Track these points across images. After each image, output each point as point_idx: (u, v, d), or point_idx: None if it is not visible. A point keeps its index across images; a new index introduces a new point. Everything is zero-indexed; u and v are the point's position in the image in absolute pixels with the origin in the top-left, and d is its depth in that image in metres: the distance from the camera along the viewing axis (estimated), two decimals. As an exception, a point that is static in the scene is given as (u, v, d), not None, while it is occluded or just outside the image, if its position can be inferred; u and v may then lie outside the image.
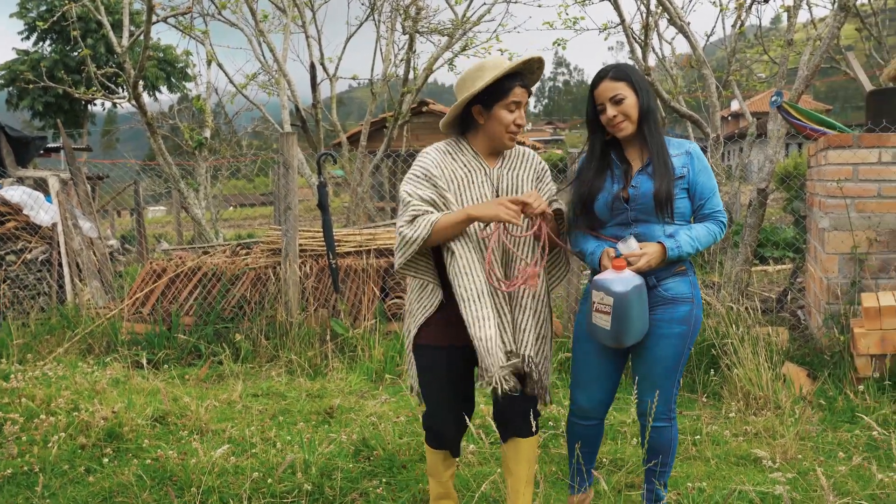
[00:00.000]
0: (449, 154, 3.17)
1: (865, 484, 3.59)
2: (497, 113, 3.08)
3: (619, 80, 3.04)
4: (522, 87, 3.09)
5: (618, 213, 3.07)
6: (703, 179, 3.08)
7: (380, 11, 11.71)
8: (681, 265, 3.09)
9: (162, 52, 27.91)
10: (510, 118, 3.08)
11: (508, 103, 3.06)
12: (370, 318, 6.39)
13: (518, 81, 3.08)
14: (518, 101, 3.08)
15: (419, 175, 3.10)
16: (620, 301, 2.91)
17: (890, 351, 4.91)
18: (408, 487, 3.80)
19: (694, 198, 3.09)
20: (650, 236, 3.04)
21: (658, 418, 3.14)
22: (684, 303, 3.08)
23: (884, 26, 15.11)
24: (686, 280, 3.10)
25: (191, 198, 9.82)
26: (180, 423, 4.74)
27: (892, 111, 5.93)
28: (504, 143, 3.13)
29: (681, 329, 3.07)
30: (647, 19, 10.24)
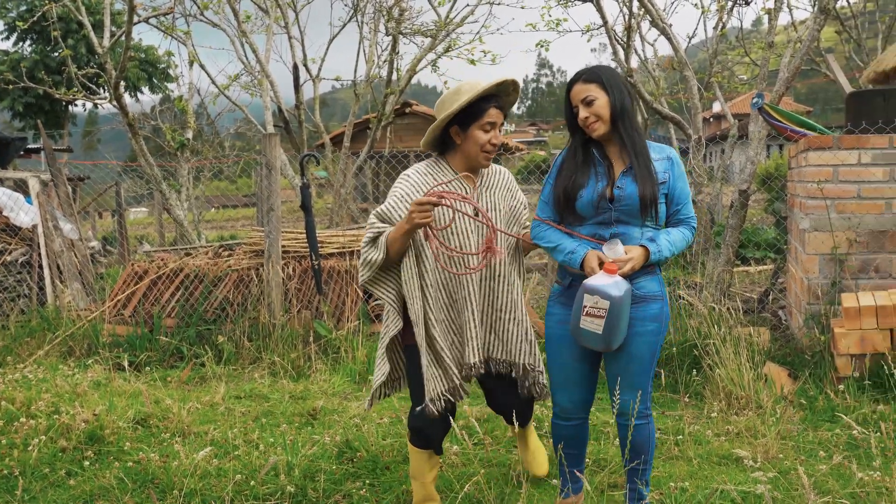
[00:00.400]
0: (430, 174, 3.31)
1: (846, 483, 3.62)
2: (473, 133, 3.22)
3: (590, 82, 3.08)
4: (497, 107, 3.23)
5: (602, 212, 3.08)
6: (682, 185, 3.14)
7: (363, 12, 11.72)
8: (651, 264, 3.12)
9: (144, 52, 27.77)
10: (485, 138, 3.22)
11: (483, 124, 3.21)
12: (353, 320, 6.38)
13: (493, 103, 3.23)
14: (493, 122, 3.22)
15: (398, 198, 3.25)
16: (616, 306, 2.93)
17: (869, 350, 4.95)
18: (391, 489, 3.80)
19: (671, 203, 3.14)
20: (628, 238, 3.07)
21: (638, 416, 3.16)
22: (655, 300, 3.12)
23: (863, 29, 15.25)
24: (656, 278, 3.15)
25: (173, 199, 9.78)
26: (162, 426, 4.71)
27: (871, 113, 5.98)
28: (480, 162, 3.28)
29: (654, 326, 3.11)
30: (629, 21, 10.29)
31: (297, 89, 11.44)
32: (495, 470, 4.01)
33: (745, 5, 10.30)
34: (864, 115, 5.98)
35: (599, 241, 3.07)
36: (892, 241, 5.64)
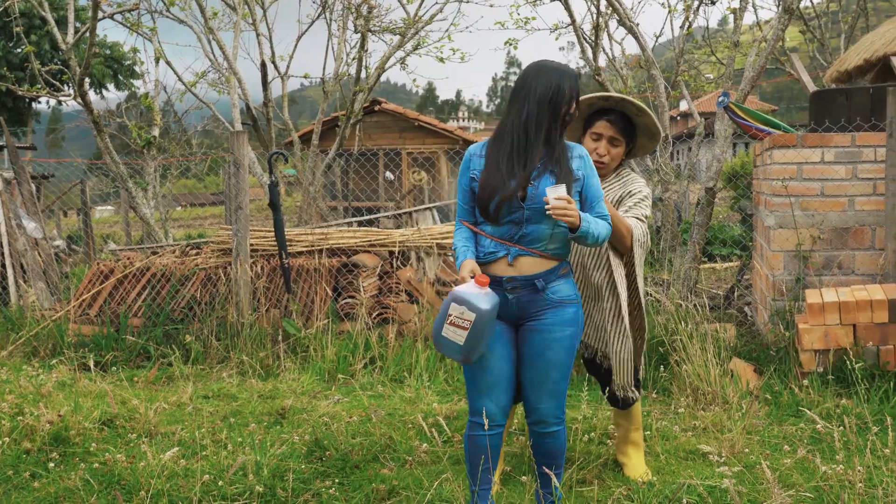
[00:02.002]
0: None
1: (810, 476, 3.67)
2: (585, 140, 3.57)
3: None
4: (608, 121, 3.50)
5: (514, 212, 3.04)
6: (595, 183, 3.12)
7: (331, 10, 11.65)
8: (564, 267, 3.11)
9: (109, 49, 27.43)
10: (590, 147, 3.53)
11: (590, 132, 3.54)
12: (323, 318, 6.36)
13: (606, 116, 3.50)
14: (599, 133, 3.51)
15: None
16: (482, 318, 2.89)
17: (833, 346, 5.03)
18: (361, 487, 3.79)
19: (585, 201, 3.11)
20: (539, 238, 3.04)
21: (555, 422, 3.14)
22: (570, 304, 3.10)
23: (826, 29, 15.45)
24: (570, 281, 3.14)
25: (139, 197, 9.67)
26: (129, 426, 4.66)
27: (834, 112, 6.06)
28: None
29: (571, 330, 3.09)
30: (597, 20, 10.34)
31: (266, 87, 11.34)
32: (464, 467, 4.01)
33: (711, 5, 10.40)
34: (827, 114, 6.07)
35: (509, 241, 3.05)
36: (855, 237, 5.73)
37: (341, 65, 11.52)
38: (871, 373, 4.89)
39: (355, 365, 5.85)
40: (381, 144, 17.09)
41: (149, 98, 12.11)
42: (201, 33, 12.04)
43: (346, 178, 17.47)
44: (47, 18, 9.61)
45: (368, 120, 16.27)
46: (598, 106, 3.52)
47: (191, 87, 12.54)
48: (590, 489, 3.68)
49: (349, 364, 5.87)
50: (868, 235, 5.71)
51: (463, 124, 56.18)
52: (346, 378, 5.72)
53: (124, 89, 28.67)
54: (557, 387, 3.11)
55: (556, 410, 3.13)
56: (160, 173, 14.06)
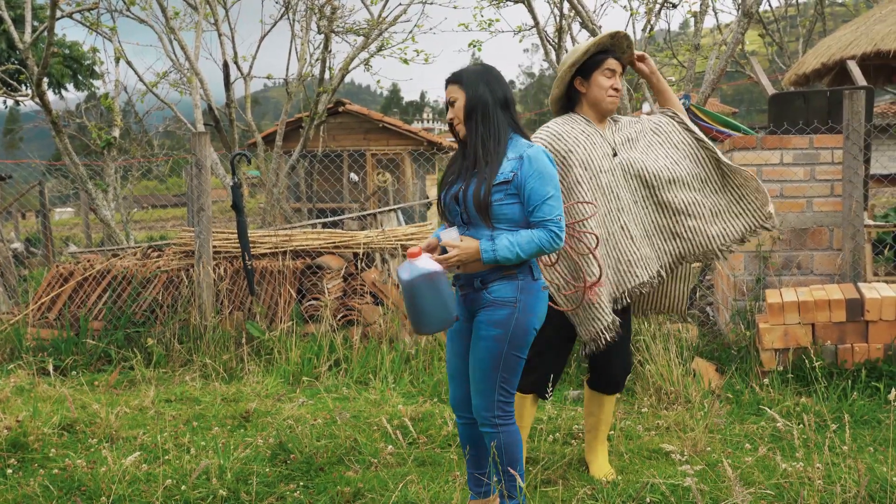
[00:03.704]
0: (568, 124, 3.67)
1: (770, 474, 3.72)
2: (596, 79, 3.61)
3: (453, 83, 3.16)
4: (615, 58, 3.62)
5: (454, 214, 3.15)
6: (534, 185, 3.00)
7: (294, 10, 11.60)
8: (510, 269, 3.07)
9: (68, 48, 26.99)
10: (608, 83, 3.60)
11: (604, 70, 3.60)
12: (287, 320, 6.32)
13: (611, 54, 3.62)
14: (612, 69, 3.60)
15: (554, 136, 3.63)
16: (407, 288, 3.02)
17: (792, 345, 5.10)
18: (325, 490, 3.77)
19: (526, 204, 3.04)
20: (478, 238, 3.08)
21: (482, 423, 3.15)
22: (505, 306, 3.06)
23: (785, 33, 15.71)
24: (513, 284, 3.07)
25: (99, 199, 9.55)
26: (89, 431, 4.60)
27: (792, 114, 6.16)
28: (606, 105, 3.64)
29: (497, 332, 3.06)
30: (560, 22, 10.41)
31: (228, 87, 11.26)
32: (430, 469, 4.02)
33: (673, 8, 10.51)
34: (785, 117, 6.16)
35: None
36: (813, 238, 5.82)
37: (305, 66, 11.47)
38: (830, 371, 4.98)
39: (320, 367, 5.82)
40: (345, 146, 17.02)
41: (109, 98, 11.97)
42: (162, 33, 11.93)
43: (310, 179, 17.38)
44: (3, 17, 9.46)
45: (332, 121, 16.20)
46: (604, 45, 3.63)
47: (152, 87, 12.40)
48: (554, 489, 3.70)
49: (314, 366, 5.84)
50: (826, 236, 5.81)
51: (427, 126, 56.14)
52: (311, 380, 5.69)
53: (84, 89, 28.23)
54: (479, 385, 3.12)
55: (483, 410, 3.13)
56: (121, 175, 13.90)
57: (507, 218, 3.05)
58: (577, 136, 3.62)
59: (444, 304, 3.03)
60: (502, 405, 3.13)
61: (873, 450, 4.06)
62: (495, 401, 3.12)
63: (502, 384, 3.11)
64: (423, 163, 19.00)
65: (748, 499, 2.98)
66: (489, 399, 3.12)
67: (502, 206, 3.03)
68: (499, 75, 3.17)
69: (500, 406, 3.13)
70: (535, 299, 3.10)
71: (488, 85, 3.11)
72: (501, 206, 3.03)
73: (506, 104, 3.13)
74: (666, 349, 5.12)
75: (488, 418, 3.13)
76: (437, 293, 3.01)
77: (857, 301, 5.04)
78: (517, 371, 3.14)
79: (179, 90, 12.91)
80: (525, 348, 3.12)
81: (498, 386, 3.11)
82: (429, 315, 3.04)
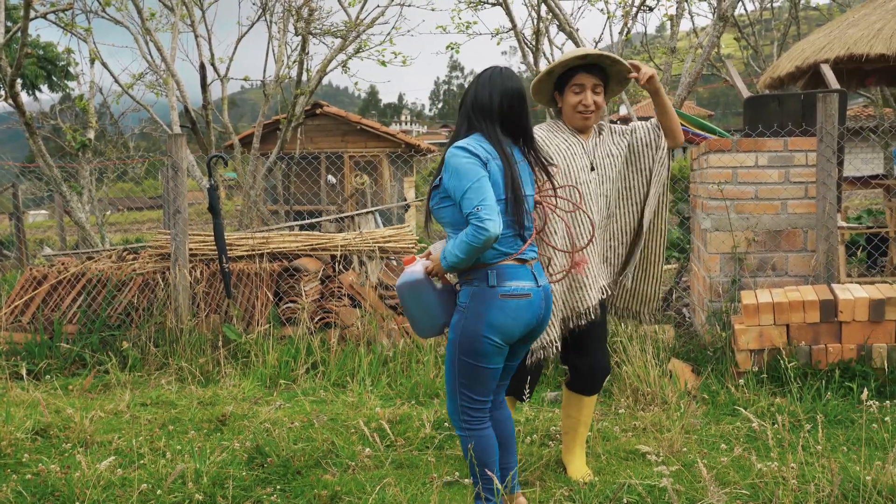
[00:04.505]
0: (552, 131, 3.68)
1: (746, 474, 3.75)
2: (566, 96, 3.60)
3: None
4: (586, 72, 3.53)
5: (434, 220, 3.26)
6: (453, 184, 3.01)
7: (271, 12, 11.56)
8: (467, 274, 3.09)
9: (42, 49, 26.72)
10: (574, 99, 3.57)
11: (572, 86, 3.56)
12: (264, 323, 6.29)
13: (582, 69, 3.54)
14: (581, 84, 3.54)
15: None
16: (399, 293, 3.16)
17: (767, 346, 5.15)
18: (303, 493, 3.76)
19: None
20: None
21: (454, 425, 3.23)
22: (458, 311, 3.10)
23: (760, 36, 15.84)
24: (467, 290, 3.09)
25: (74, 201, 9.46)
26: (63, 436, 4.55)
27: (767, 117, 6.22)
28: (575, 122, 3.63)
29: (451, 336, 3.11)
30: (537, 25, 10.44)
31: (205, 89, 11.19)
32: (407, 472, 4.01)
33: (649, 11, 10.58)
34: (760, 120, 6.22)
35: None
36: (788, 240, 5.88)
37: (282, 67, 11.43)
38: (804, 371, 5.02)
39: (297, 370, 5.79)
40: (322, 148, 16.98)
41: (84, 100, 11.87)
42: (138, 34, 11.85)
43: (287, 181, 17.32)
44: (-24, 17, 9.34)
45: (310, 123, 16.16)
46: (573, 64, 3.55)
47: (128, 88, 12.32)
48: (532, 490, 3.71)
49: (291, 369, 5.81)
50: (800, 238, 5.87)
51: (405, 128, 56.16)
52: (288, 383, 5.66)
53: (58, 91, 27.94)
54: (447, 388, 3.20)
55: (451, 413, 3.20)
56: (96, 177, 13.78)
57: (445, 221, 3.12)
58: (559, 143, 3.63)
59: (428, 311, 3.11)
60: (467, 410, 3.15)
61: (846, 449, 4.11)
62: (459, 405, 3.16)
63: (462, 390, 3.14)
64: (400, 165, 18.99)
65: (723, 499, 3.00)
66: (454, 403, 3.17)
67: (439, 209, 3.12)
68: (480, 77, 3.17)
69: (464, 411, 3.15)
70: (485, 307, 3.04)
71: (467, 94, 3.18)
72: (439, 210, 3.13)
73: (474, 106, 3.14)
74: (643, 350, 5.14)
75: (456, 422, 3.18)
76: (420, 300, 3.11)
77: (831, 302, 5.09)
78: (476, 378, 3.10)
79: (155, 92, 12.83)
80: (478, 356, 3.06)
81: (459, 391, 3.14)
82: (417, 318, 3.18)
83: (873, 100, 17.44)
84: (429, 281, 3.11)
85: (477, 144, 3.04)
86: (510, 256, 3.06)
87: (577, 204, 3.55)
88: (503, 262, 3.05)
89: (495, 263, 3.04)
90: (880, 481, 3.34)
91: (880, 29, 8.07)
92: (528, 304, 3.08)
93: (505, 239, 3.06)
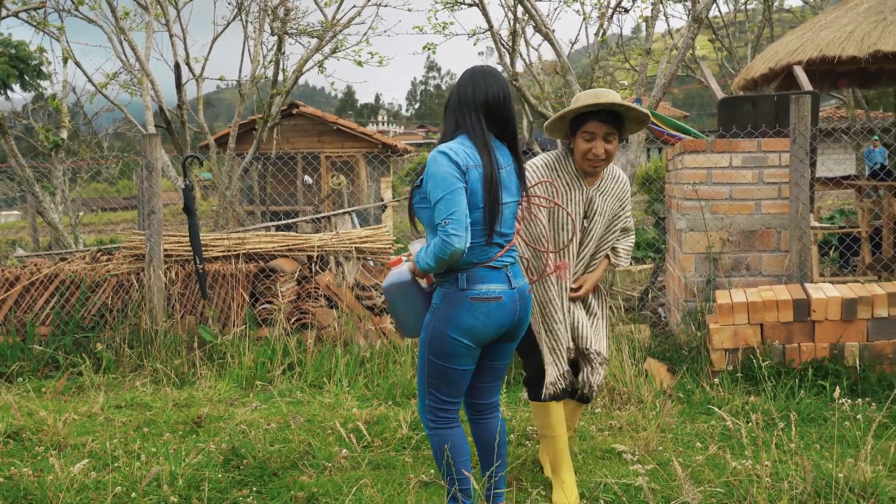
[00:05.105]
0: (554, 169, 3.59)
1: (720, 472, 3.78)
2: (576, 141, 3.50)
3: None
4: (599, 120, 3.42)
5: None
6: (429, 189, 3.00)
7: (247, 12, 11.50)
8: (441, 276, 3.10)
9: (13, 48, 26.44)
10: (584, 147, 3.47)
11: (582, 133, 3.46)
12: (240, 324, 6.26)
13: (597, 117, 3.43)
14: (591, 132, 3.44)
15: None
16: (386, 293, 3.19)
17: (741, 345, 5.19)
18: (279, 495, 3.75)
19: None
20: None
21: (422, 423, 3.27)
22: (430, 311, 3.12)
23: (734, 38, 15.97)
24: (439, 291, 3.10)
25: (46, 202, 9.36)
26: (36, 439, 4.50)
27: (741, 118, 6.28)
28: (583, 168, 3.54)
29: (422, 335, 3.14)
30: (514, 26, 10.46)
31: (180, 89, 11.11)
32: (384, 473, 4.01)
33: (625, 13, 10.65)
34: (734, 121, 6.27)
35: None
36: (761, 240, 5.93)
37: (258, 67, 11.38)
38: (778, 370, 5.07)
39: (273, 371, 5.77)
40: (299, 148, 16.92)
41: (57, 99, 11.74)
42: (112, 33, 11.74)
43: (263, 181, 17.24)
44: (-53, 16, 9.22)
45: (286, 123, 16.10)
46: (584, 111, 3.46)
47: (101, 88, 12.20)
48: (508, 491, 3.72)
49: (267, 370, 5.79)
50: (774, 238, 5.92)
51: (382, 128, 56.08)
52: (265, 385, 5.64)
53: (31, 90, 27.64)
54: (418, 388, 3.23)
55: (420, 411, 3.24)
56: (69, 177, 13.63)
57: (424, 222, 3.13)
58: (560, 179, 3.58)
59: (415, 312, 3.14)
60: (434, 410, 3.16)
61: (819, 447, 4.15)
62: (427, 405, 3.17)
63: (431, 389, 3.15)
64: (377, 165, 18.96)
65: (698, 497, 3.02)
66: (423, 402, 3.19)
67: (419, 209, 3.12)
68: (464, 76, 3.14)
69: (431, 410, 3.16)
70: (454, 308, 3.04)
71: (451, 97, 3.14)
72: (419, 210, 3.13)
73: (459, 102, 3.10)
74: (619, 350, 5.17)
75: (423, 420, 3.21)
76: (407, 301, 3.14)
77: (804, 301, 5.15)
78: (444, 379, 3.12)
79: (130, 91, 12.72)
80: (446, 356, 3.07)
81: (427, 391, 3.15)
82: (403, 319, 3.21)
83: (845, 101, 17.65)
84: (415, 281, 3.13)
85: (460, 149, 3.00)
86: (482, 263, 3.05)
87: (555, 201, 3.54)
88: (475, 266, 3.05)
89: (466, 268, 3.04)
90: (852, 478, 3.38)
91: (852, 31, 8.16)
92: (498, 307, 3.06)
93: (477, 248, 3.03)
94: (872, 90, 16.40)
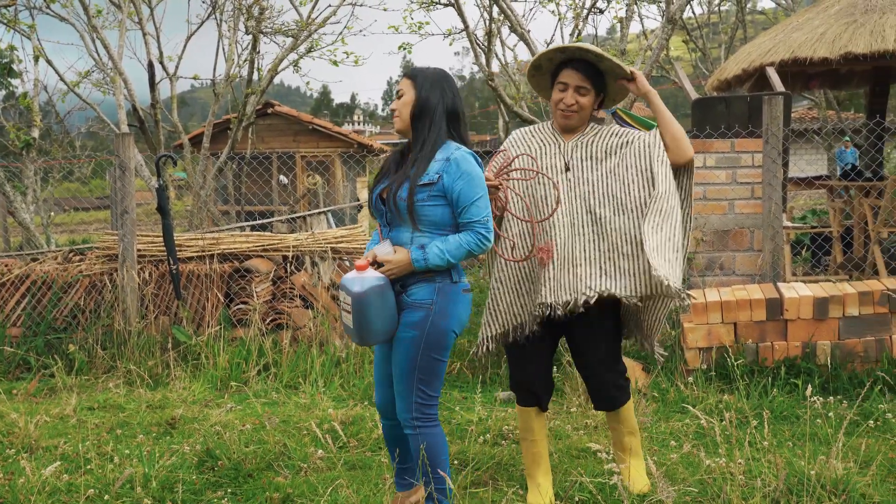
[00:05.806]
0: (529, 133, 3.64)
1: (694, 470, 3.81)
2: (553, 93, 3.52)
3: (408, 78, 3.19)
4: (573, 69, 3.43)
5: (379, 214, 3.19)
6: (461, 187, 3.01)
7: (221, 10, 11.43)
8: (428, 272, 3.09)
9: (-16, 46, 26.11)
10: (557, 97, 3.48)
11: (558, 83, 3.48)
12: (214, 325, 6.22)
13: (570, 66, 3.44)
14: (564, 83, 3.45)
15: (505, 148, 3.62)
16: (358, 301, 3.02)
17: (715, 343, 5.23)
18: (254, 496, 3.73)
19: (454, 206, 3.06)
20: (399, 241, 3.11)
21: (404, 425, 3.18)
22: (420, 308, 3.09)
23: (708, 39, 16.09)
24: (431, 286, 3.09)
25: (17, 201, 9.25)
26: (6, 442, 4.45)
27: (714, 119, 6.32)
28: (557, 120, 3.55)
29: (412, 334, 3.08)
30: (489, 26, 10.47)
31: (153, 88, 11.01)
32: (360, 473, 4.00)
33: (600, 14, 10.69)
34: (707, 121, 6.32)
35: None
36: (735, 239, 5.98)
37: (232, 66, 11.31)
38: (751, 369, 5.12)
39: (248, 372, 5.74)
40: (274, 147, 16.83)
41: (28, 98, 11.60)
42: (84, 31, 11.63)
43: (238, 181, 17.13)
44: (-85, 13, 9.09)
45: (261, 123, 16.00)
46: (559, 59, 3.47)
47: (74, 87, 12.08)
48: (484, 490, 3.72)
49: (242, 371, 5.76)
50: (747, 237, 5.98)
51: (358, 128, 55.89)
52: (240, 385, 5.61)
53: (1, 89, 27.35)
54: (399, 387, 3.15)
55: (403, 412, 3.16)
56: (41, 177, 13.50)
57: (429, 220, 3.06)
58: (531, 143, 3.57)
59: (392, 315, 3.09)
60: (421, 407, 3.14)
61: (792, 444, 4.20)
62: (413, 402, 3.13)
63: (420, 386, 3.12)
64: (353, 165, 18.91)
65: (672, 495, 3.04)
66: (408, 401, 3.14)
67: (425, 206, 3.05)
68: (453, 85, 3.19)
69: (418, 408, 3.14)
70: (452, 302, 3.12)
71: (442, 92, 3.13)
72: (424, 207, 3.05)
73: (454, 114, 3.14)
74: (594, 349, 5.18)
75: (408, 420, 3.16)
76: (386, 304, 3.05)
77: (777, 300, 5.20)
78: (436, 373, 3.14)
79: (102, 90, 12.60)
80: (444, 351, 3.12)
81: (416, 388, 3.12)
82: (375, 325, 3.07)
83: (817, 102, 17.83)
84: (390, 284, 3.08)
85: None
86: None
87: (530, 167, 3.49)
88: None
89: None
90: (824, 475, 3.42)
91: (823, 33, 8.25)
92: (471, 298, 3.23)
93: None
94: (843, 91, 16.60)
